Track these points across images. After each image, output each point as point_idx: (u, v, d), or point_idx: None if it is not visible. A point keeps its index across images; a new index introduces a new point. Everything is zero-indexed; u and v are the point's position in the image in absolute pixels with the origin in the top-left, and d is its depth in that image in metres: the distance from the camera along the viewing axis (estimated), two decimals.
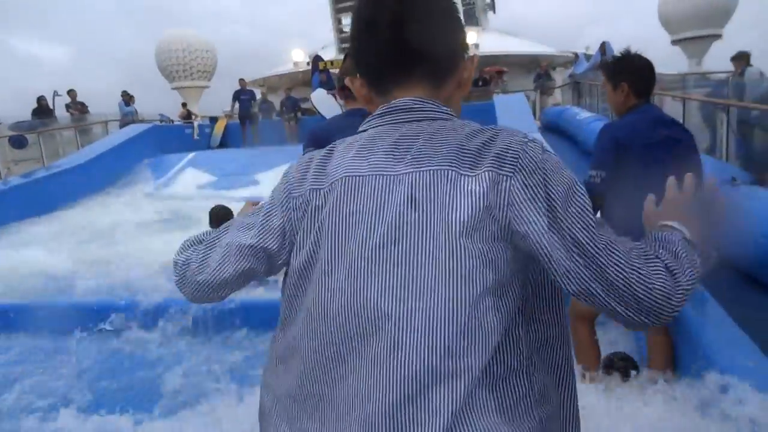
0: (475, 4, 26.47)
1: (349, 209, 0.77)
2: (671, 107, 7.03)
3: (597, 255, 0.70)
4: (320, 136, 2.00)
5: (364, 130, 0.85)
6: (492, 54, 19.96)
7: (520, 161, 0.72)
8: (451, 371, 0.68)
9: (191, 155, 11.47)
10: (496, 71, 17.72)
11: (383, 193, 0.75)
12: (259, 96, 19.73)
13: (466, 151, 0.74)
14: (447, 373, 0.68)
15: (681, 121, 4.97)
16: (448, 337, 0.69)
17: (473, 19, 25.68)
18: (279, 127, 13.81)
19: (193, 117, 16.83)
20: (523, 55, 21.28)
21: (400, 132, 0.80)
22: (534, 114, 12.51)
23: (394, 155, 0.77)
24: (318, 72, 14.71)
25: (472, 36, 20.86)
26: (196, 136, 14.17)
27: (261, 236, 0.85)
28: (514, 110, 10.48)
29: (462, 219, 0.70)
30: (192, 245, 0.94)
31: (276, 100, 17.16)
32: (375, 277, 0.72)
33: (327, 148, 0.86)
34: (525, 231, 0.70)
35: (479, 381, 0.69)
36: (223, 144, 14.40)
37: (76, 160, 10.21)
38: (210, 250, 0.90)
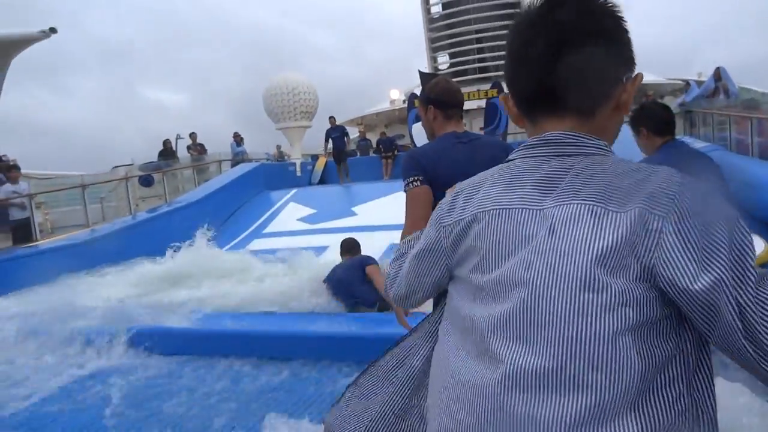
0: None
1: (493, 239, 0.79)
2: None
3: (750, 312, 0.65)
4: (421, 160, 1.97)
5: (513, 159, 0.85)
6: None
7: (675, 203, 0.68)
8: (582, 404, 0.67)
9: (294, 191, 12.11)
10: None
11: (527, 227, 0.76)
12: (357, 134, 20.56)
13: (616, 188, 0.72)
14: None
15: None
16: (576, 366, 0.68)
17: None
18: (376, 163, 14.23)
19: (286, 157, 17.88)
20: None
21: (550, 165, 0.79)
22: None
23: (541, 189, 0.77)
24: (414, 108, 15.07)
25: None
26: (298, 173, 14.96)
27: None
28: (619, 143, 9.98)
29: (600, 252, 0.69)
30: (395, 260, 1.08)
31: (373, 137, 17.75)
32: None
33: (475, 180, 0.89)
34: (671, 276, 0.67)
35: (620, 416, 0.66)
36: (323, 180, 15.06)
37: (194, 197, 11.16)
38: (400, 267, 1.04)
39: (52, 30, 13.25)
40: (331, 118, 15.39)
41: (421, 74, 15.87)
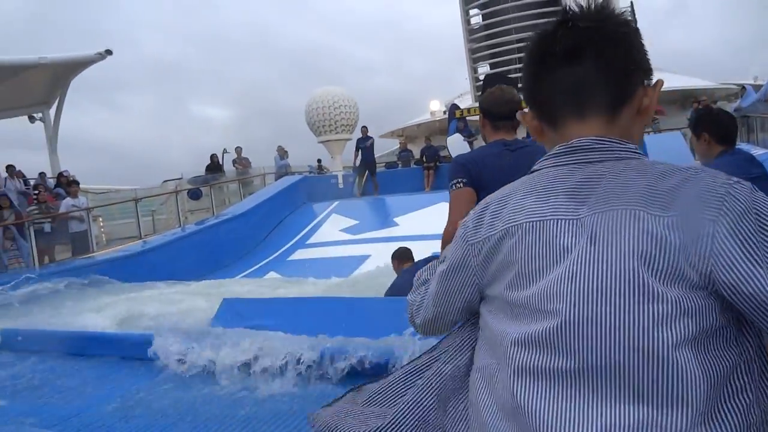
0: None
1: (528, 254, 0.75)
2: None
3: None
4: (466, 165, 2.08)
5: (540, 169, 0.83)
6: None
7: (725, 204, 0.65)
8: (642, 419, 0.64)
9: (336, 203, 12.26)
10: None
11: (564, 237, 0.73)
12: (397, 145, 20.66)
13: (657, 191, 0.69)
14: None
15: None
16: (635, 382, 0.65)
17: None
18: (417, 174, 14.23)
19: (324, 170, 18.13)
20: (674, 90, 19.75)
21: (582, 173, 0.77)
22: (693, 153, 11.44)
23: (575, 198, 0.74)
24: (455, 119, 15.00)
25: None
26: (340, 185, 15.13)
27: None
28: (670, 150, 9.70)
29: (650, 260, 0.66)
30: (418, 287, 1.02)
31: (414, 148, 17.79)
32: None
33: (502, 193, 0.86)
34: (733, 281, 0.64)
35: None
36: (365, 192, 15.18)
37: (240, 209, 11.46)
38: (424, 294, 0.98)
39: (108, 52, 13.96)
40: (363, 128, 15.18)
41: (486, 77, 15.75)
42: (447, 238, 2.01)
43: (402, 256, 5.34)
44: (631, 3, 26.17)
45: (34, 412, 3.03)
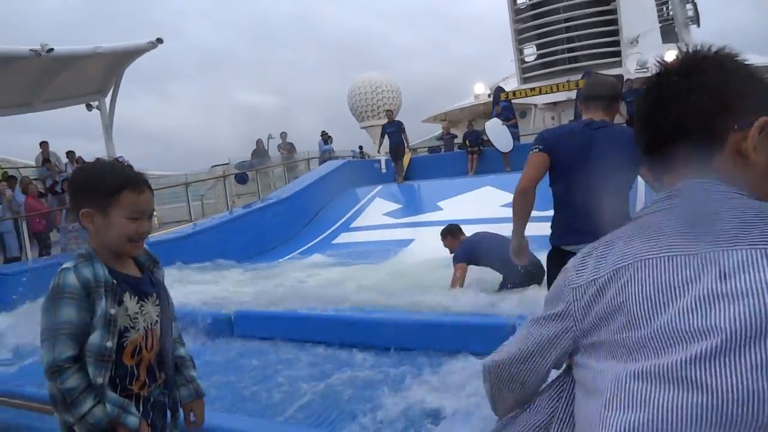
0: (675, 19, 24.17)
1: (641, 292, 0.73)
2: None
3: None
4: (545, 135, 2.53)
5: (645, 215, 0.82)
6: None
7: None
8: None
9: (379, 187, 12.29)
10: None
11: (683, 272, 0.70)
12: (440, 130, 20.48)
13: None
14: None
15: None
16: None
17: (673, 36, 23.46)
18: (460, 158, 14.08)
19: (366, 156, 18.16)
20: None
21: (690, 213, 0.76)
22: None
23: (688, 237, 0.73)
24: (501, 101, 14.72)
25: (671, 54, 19.02)
26: (383, 170, 15.15)
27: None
28: None
29: None
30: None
31: (457, 132, 17.58)
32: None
33: (605, 240, 0.84)
34: None
35: None
36: (408, 176, 15.16)
37: (285, 193, 11.66)
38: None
39: (159, 41, 14.36)
40: (388, 112, 14.88)
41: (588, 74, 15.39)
42: (515, 194, 2.51)
43: (454, 231, 5.69)
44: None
45: None
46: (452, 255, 5.45)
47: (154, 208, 1.46)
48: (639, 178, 2.82)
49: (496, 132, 12.93)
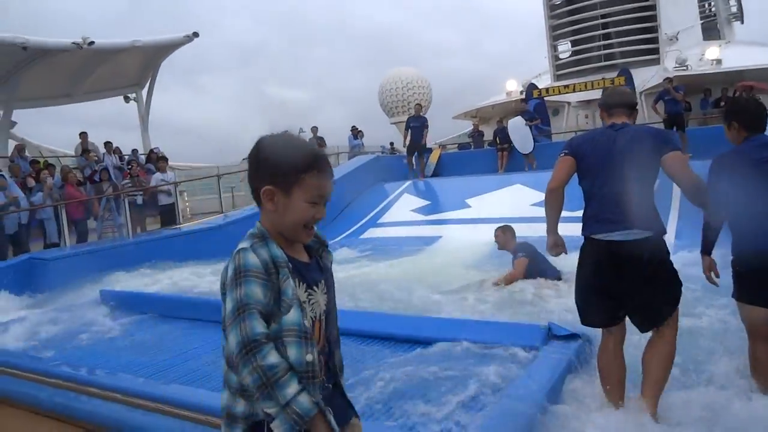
0: (717, 15, 23.38)
1: None
2: None
3: None
4: (572, 141, 2.77)
5: None
6: (738, 69, 17.32)
7: None
8: None
9: (408, 183, 12.28)
10: (744, 87, 15.28)
11: None
12: (470, 127, 20.31)
13: None
14: None
15: None
16: None
17: (715, 33, 22.73)
18: (490, 156, 13.94)
19: (396, 152, 18.12)
20: None
21: None
22: None
23: None
24: (533, 99, 14.48)
25: (712, 51, 18.45)
26: (413, 166, 15.12)
27: None
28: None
29: None
30: None
31: (488, 130, 17.42)
32: None
33: None
34: None
35: None
36: (437, 173, 15.10)
37: None
38: None
39: (195, 34, 14.63)
40: (417, 106, 13.97)
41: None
42: (546, 194, 2.76)
43: (512, 230, 5.93)
44: None
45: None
46: (511, 251, 5.72)
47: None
48: None
49: (518, 131, 12.71)
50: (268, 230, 1.28)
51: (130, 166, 11.12)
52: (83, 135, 11.90)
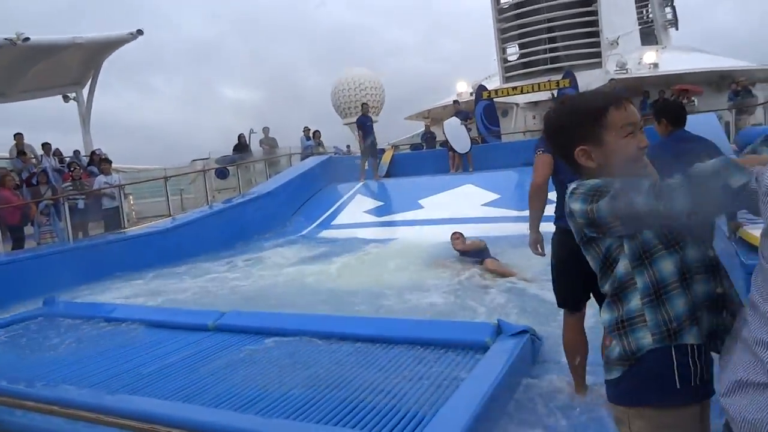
0: (654, 21, 24.58)
1: None
2: None
3: None
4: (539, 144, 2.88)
5: None
6: (674, 72, 18.25)
7: None
8: None
9: (360, 184, 12.29)
10: (679, 90, 16.12)
11: None
12: (422, 128, 20.51)
13: None
14: None
15: None
16: None
17: (652, 38, 23.86)
18: (442, 156, 14.12)
19: (351, 154, 18.19)
20: (710, 71, 19.05)
21: None
22: (728, 136, 11.09)
23: None
24: (482, 100, 14.73)
25: (649, 55, 19.36)
26: (366, 167, 15.13)
27: None
28: (703, 132, 9.40)
29: None
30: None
31: (439, 131, 17.63)
32: None
33: None
34: None
35: None
36: (389, 173, 15.17)
37: (266, 189, 11.59)
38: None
39: (139, 32, 14.13)
40: (364, 105, 13.77)
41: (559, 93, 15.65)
42: (531, 191, 2.82)
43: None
44: None
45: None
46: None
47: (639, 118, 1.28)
48: None
49: (454, 131, 12.78)
50: None
51: (71, 169, 10.62)
52: (18, 136, 11.28)
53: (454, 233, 6.59)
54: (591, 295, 2.71)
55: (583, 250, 1.28)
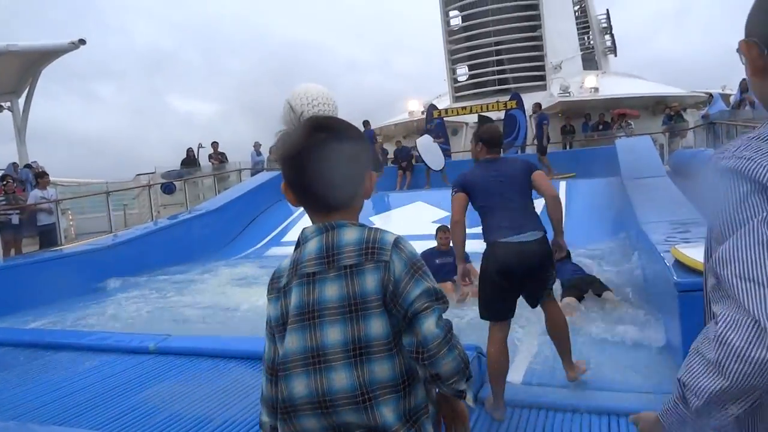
0: (595, 48, 25.83)
1: None
2: None
3: None
4: (460, 178, 3.16)
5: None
6: (613, 97, 19.17)
7: None
8: None
9: None
10: (618, 114, 16.96)
11: None
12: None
13: None
14: None
15: None
16: None
17: (593, 63, 25.04)
18: (392, 173, 14.25)
19: None
20: (647, 96, 20.15)
21: None
22: (662, 157, 11.73)
23: None
24: (434, 119, 15.01)
25: (590, 80, 20.30)
26: None
27: None
28: (639, 154, 9.92)
29: None
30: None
31: (391, 148, 17.81)
32: None
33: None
34: None
35: None
36: None
37: (214, 205, 11.32)
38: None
39: (81, 41, 13.63)
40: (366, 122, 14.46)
41: (480, 117, 16.14)
42: (452, 227, 3.16)
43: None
44: (607, 11, 26.69)
45: None
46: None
47: None
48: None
49: (428, 149, 13.15)
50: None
51: (4, 182, 10.05)
52: None
53: (441, 227, 6.22)
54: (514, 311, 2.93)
55: None
